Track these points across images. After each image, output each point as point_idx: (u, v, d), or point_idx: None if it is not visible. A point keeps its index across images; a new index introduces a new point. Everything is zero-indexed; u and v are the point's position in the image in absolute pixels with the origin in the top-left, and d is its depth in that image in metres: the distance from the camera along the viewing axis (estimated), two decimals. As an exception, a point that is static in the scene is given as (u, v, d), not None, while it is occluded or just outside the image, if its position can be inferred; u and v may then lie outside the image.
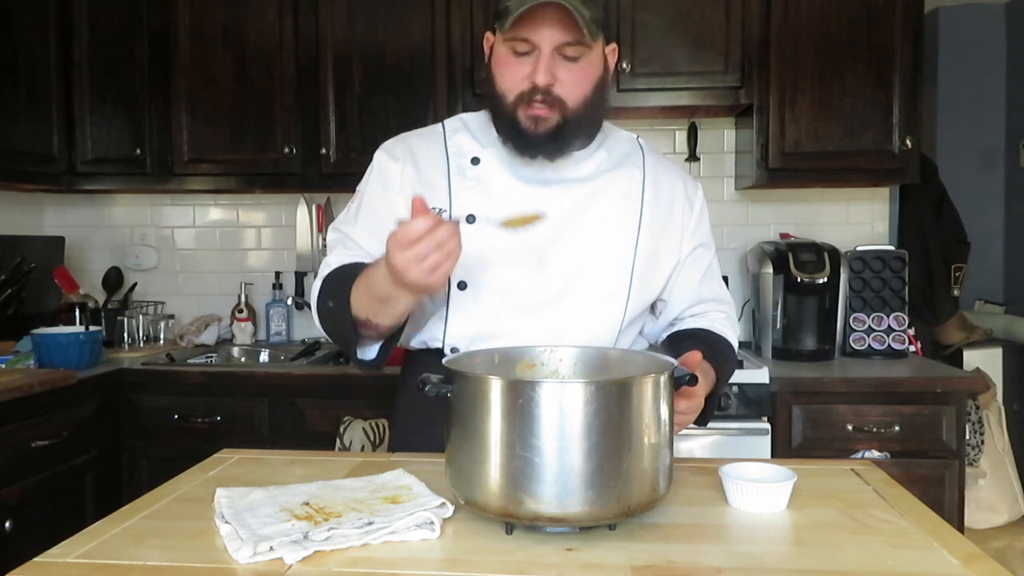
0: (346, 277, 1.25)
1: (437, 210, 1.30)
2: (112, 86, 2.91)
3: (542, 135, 1.25)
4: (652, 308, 1.45)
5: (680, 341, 1.37)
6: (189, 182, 2.94)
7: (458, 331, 1.34)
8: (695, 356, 1.16)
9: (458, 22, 2.75)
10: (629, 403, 0.95)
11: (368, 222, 1.35)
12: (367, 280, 1.19)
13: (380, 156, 1.39)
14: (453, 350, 1.34)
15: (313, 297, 1.34)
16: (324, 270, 1.34)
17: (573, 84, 1.24)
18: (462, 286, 1.32)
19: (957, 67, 4.02)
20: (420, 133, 1.42)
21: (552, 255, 1.31)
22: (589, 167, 1.35)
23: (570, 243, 1.32)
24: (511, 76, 1.24)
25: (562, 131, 1.25)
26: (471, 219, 1.31)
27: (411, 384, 1.41)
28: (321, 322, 1.33)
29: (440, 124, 1.41)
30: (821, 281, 2.66)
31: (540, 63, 1.21)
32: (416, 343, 1.41)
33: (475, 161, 1.34)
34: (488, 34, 1.32)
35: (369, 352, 1.32)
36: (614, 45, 1.33)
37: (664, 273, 1.39)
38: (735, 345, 1.44)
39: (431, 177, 1.35)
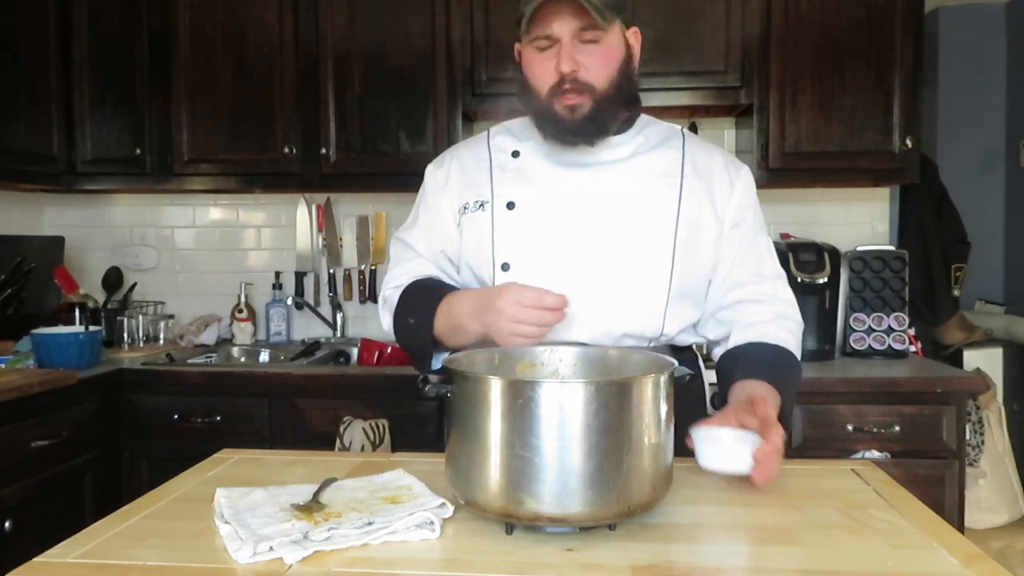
0: (426, 294, 1.37)
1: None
2: (112, 86, 2.90)
3: (579, 121, 1.30)
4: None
5: (733, 366, 1.34)
6: (189, 182, 2.93)
7: None
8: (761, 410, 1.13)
9: (458, 22, 2.75)
10: (629, 403, 0.95)
11: (422, 226, 1.47)
12: (448, 305, 1.31)
13: (429, 167, 1.50)
14: None
15: (387, 308, 1.44)
16: (394, 282, 1.45)
17: (597, 67, 1.29)
18: (505, 267, 1.36)
19: (957, 67, 4.02)
20: (466, 142, 1.53)
21: (593, 230, 1.35)
22: (627, 149, 1.39)
23: (611, 218, 1.35)
24: (539, 72, 1.31)
25: (597, 114, 1.30)
26: (511, 206, 1.38)
27: None
28: (397, 334, 1.43)
29: (486, 131, 1.51)
30: (821, 281, 2.66)
31: (561, 52, 1.27)
32: None
33: (515, 154, 1.42)
34: (516, 44, 1.38)
35: (437, 363, 1.39)
36: (635, 29, 1.38)
37: (708, 242, 1.38)
38: (794, 347, 1.41)
39: (473, 175, 1.44)
